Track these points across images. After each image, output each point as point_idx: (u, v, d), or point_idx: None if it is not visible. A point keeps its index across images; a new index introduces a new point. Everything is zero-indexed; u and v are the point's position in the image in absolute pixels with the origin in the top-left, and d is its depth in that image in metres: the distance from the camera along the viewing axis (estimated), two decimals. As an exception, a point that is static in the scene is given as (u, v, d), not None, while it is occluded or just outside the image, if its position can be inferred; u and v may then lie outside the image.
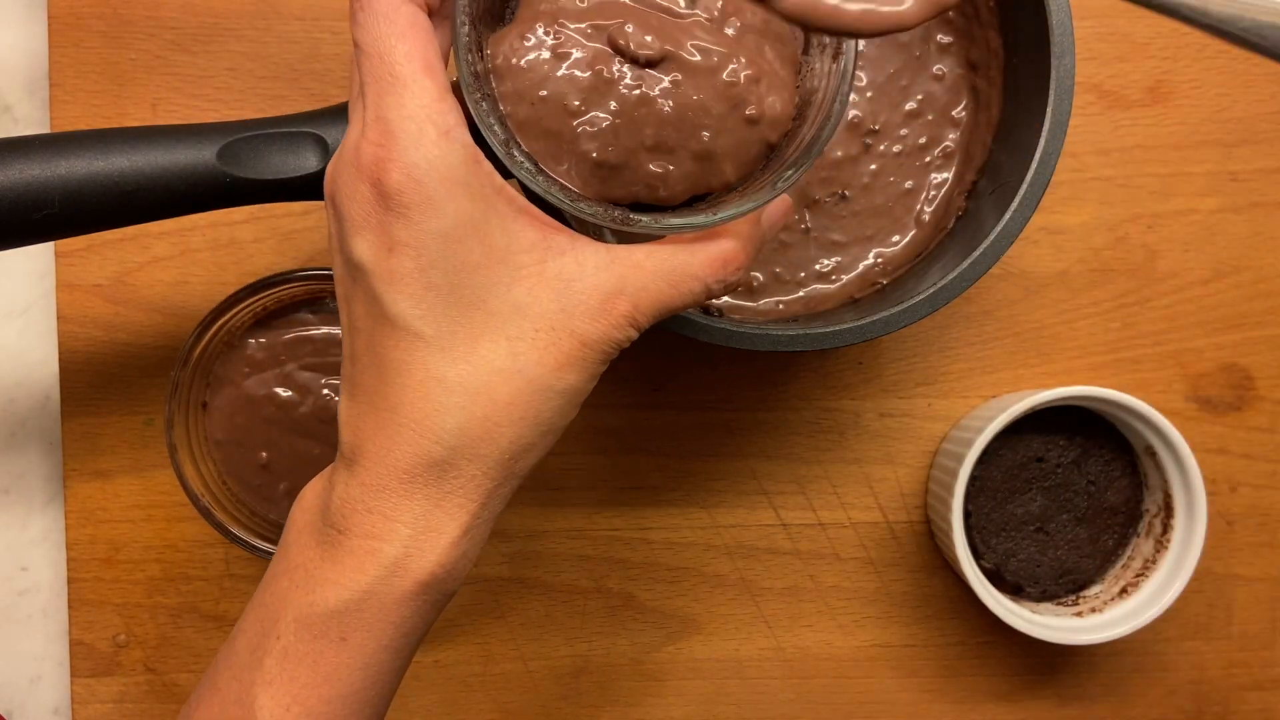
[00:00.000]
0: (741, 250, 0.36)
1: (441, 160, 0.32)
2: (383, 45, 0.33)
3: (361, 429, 0.34)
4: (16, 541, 0.57)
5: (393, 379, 0.33)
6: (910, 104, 0.52)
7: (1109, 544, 0.56)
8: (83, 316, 0.55)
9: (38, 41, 0.57)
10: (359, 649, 0.34)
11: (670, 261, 0.35)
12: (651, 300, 0.35)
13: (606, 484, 0.57)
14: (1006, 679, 0.59)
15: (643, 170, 0.37)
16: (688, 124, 0.37)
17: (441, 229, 0.32)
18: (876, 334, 0.46)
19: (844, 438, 0.58)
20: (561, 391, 0.34)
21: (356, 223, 0.33)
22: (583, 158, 0.36)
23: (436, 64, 0.33)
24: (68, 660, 0.56)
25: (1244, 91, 0.58)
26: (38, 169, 0.40)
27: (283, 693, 0.33)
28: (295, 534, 0.35)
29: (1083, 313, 0.58)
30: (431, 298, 0.33)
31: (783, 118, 0.38)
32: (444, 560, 0.34)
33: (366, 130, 0.33)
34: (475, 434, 0.33)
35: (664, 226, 0.35)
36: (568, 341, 0.34)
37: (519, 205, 0.34)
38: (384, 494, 0.33)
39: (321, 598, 0.33)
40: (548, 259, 0.34)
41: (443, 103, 0.33)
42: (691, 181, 0.37)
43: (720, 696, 0.58)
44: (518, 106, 0.36)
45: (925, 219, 0.52)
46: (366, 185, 0.32)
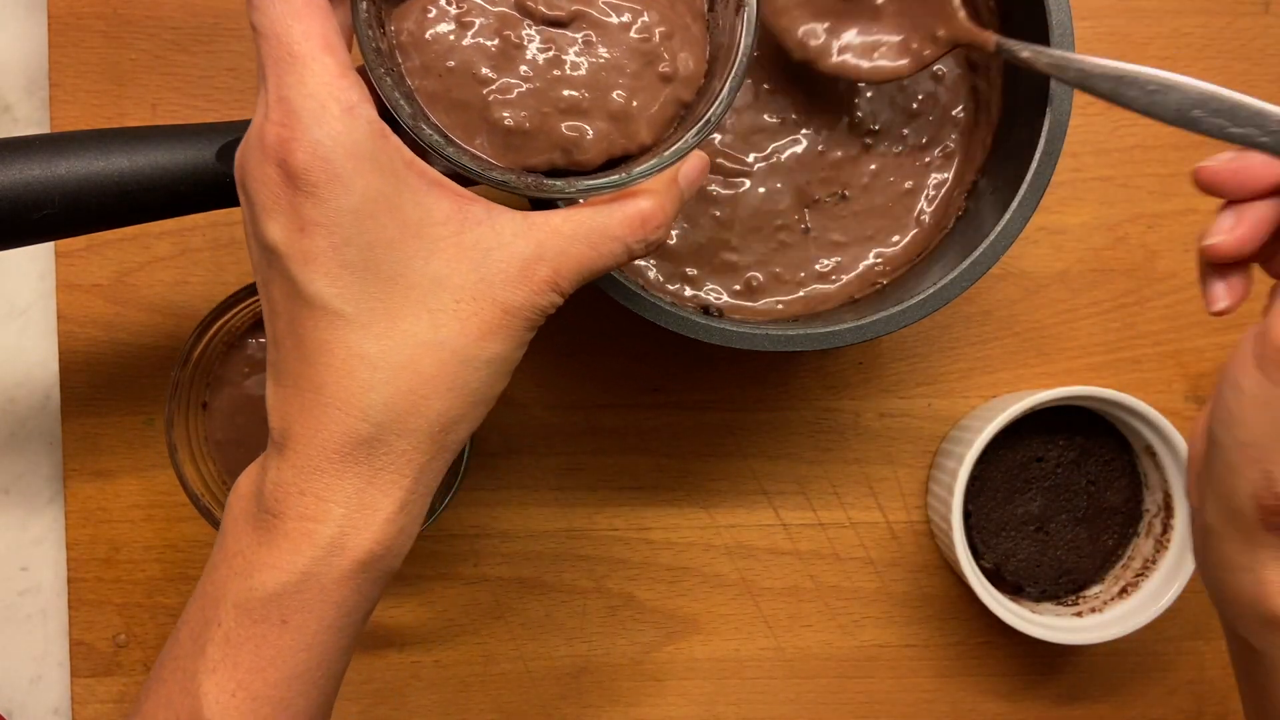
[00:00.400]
0: (659, 208, 0.36)
1: (346, 136, 0.32)
2: (279, 26, 0.32)
3: (288, 412, 0.34)
4: (16, 541, 0.57)
5: (315, 359, 0.33)
6: (910, 104, 0.52)
7: (1109, 544, 0.56)
8: (83, 316, 0.55)
9: (38, 41, 0.57)
10: (301, 630, 0.33)
11: (588, 224, 0.35)
12: (572, 264, 0.35)
13: (606, 484, 0.57)
14: (1006, 679, 0.59)
15: (557, 134, 0.37)
16: (601, 84, 0.37)
17: (352, 206, 0.32)
18: (876, 334, 0.46)
19: (844, 438, 0.58)
20: (488, 361, 0.34)
21: (266, 206, 0.33)
22: (495, 126, 0.36)
23: (336, 41, 0.33)
24: (68, 660, 0.56)
25: (1244, 91, 0.58)
26: (38, 169, 0.40)
27: (227, 678, 0.33)
28: (231, 522, 0.35)
29: (1083, 313, 0.58)
30: (348, 275, 0.33)
31: (696, 74, 0.38)
32: (380, 537, 0.34)
33: (269, 112, 0.32)
34: (402, 409, 0.33)
35: (579, 189, 0.35)
36: (490, 310, 0.34)
37: (431, 178, 0.34)
38: (316, 475, 0.33)
39: (260, 582, 0.33)
40: (464, 229, 0.34)
41: (344, 79, 0.33)
42: (607, 143, 0.37)
43: (720, 696, 0.58)
44: (425, 79, 0.36)
45: (925, 219, 0.52)
46: (273, 167, 0.32)
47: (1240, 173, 0.38)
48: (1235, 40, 0.58)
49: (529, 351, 0.57)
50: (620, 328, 0.57)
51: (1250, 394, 0.35)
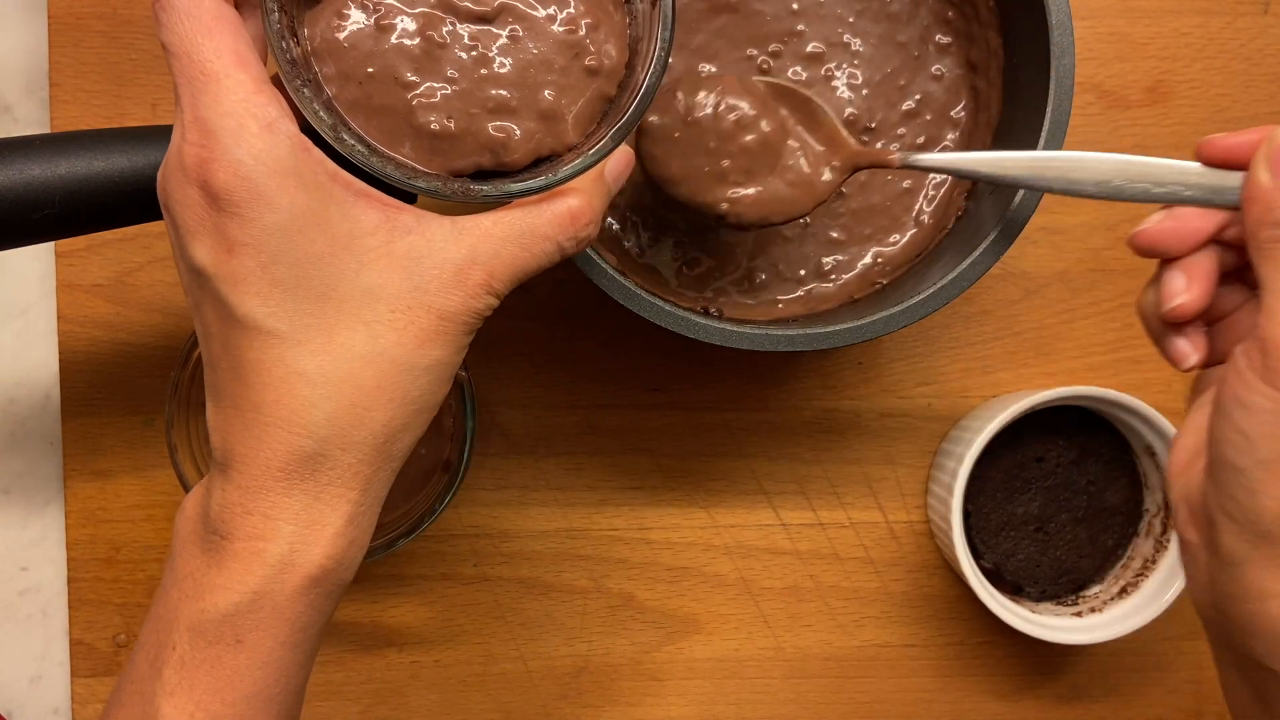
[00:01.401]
0: (587, 206, 0.36)
1: (267, 154, 0.32)
2: (189, 44, 0.32)
3: (229, 433, 0.34)
4: (16, 541, 0.57)
5: (252, 379, 0.33)
6: (908, 103, 0.52)
7: (1108, 544, 0.56)
8: (83, 316, 0.55)
9: (38, 41, 0.57)
10: (256, 649, 0.33)
11: (518, 225, 0.35)
12: (505, 266, 0.35)
13: (606, 484, 0.57)
14: (1006, 679, 0.59)
15: (484, 136, 0.36)
16: (530, 81, 0.36)
17: (277, 223, 0.32)
18: (876, 334, 0.46)
19: (844, 438, 0.58)
20: (428, 368, 0.34)
21: (191, 228, 0.32)
22: (420, 130, 0.36)
23: (249, 56, 0.33)
24: (68, 660, 0.56)
25: (1244, 91, 0.58)
26: (38, 169, 0.40)
27: (185, 700, 0.33)
28: (180, 544, 0.35)
29: (1083, 313, 0.58)
30: (279, 294, 0.32)
31: (619, 66, 0.37)
32: (331, 551, 0.34)
33: (186, 133, 0.32)
34: (345, 422, 0.33)
35: (506, 192, 0.35)
36: (425, 318, 0.34)
37: (357, 189, 0.34)
38: (261, 494, 0.33)
39: (212, 603, 0.33)
40: (394, 239, 0.34)
41: (260, 95, 0.32)
42: (535, 143, 0.37)
43: (720, 696, 0.58)
44: (344, 88, 0.36)
45: (924, 219, 0.52)
46: (195, 189, 0.32)
47: (1176, 231, 0.39)
48: (1235, 40, 0.58)
49: (529, 351, 0.57)
50: (620, 328, 0.57)
51: (1262, 409, 0.34)
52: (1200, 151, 0.39)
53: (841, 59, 0.52)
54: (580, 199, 0.36)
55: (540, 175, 0.36)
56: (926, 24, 0.52)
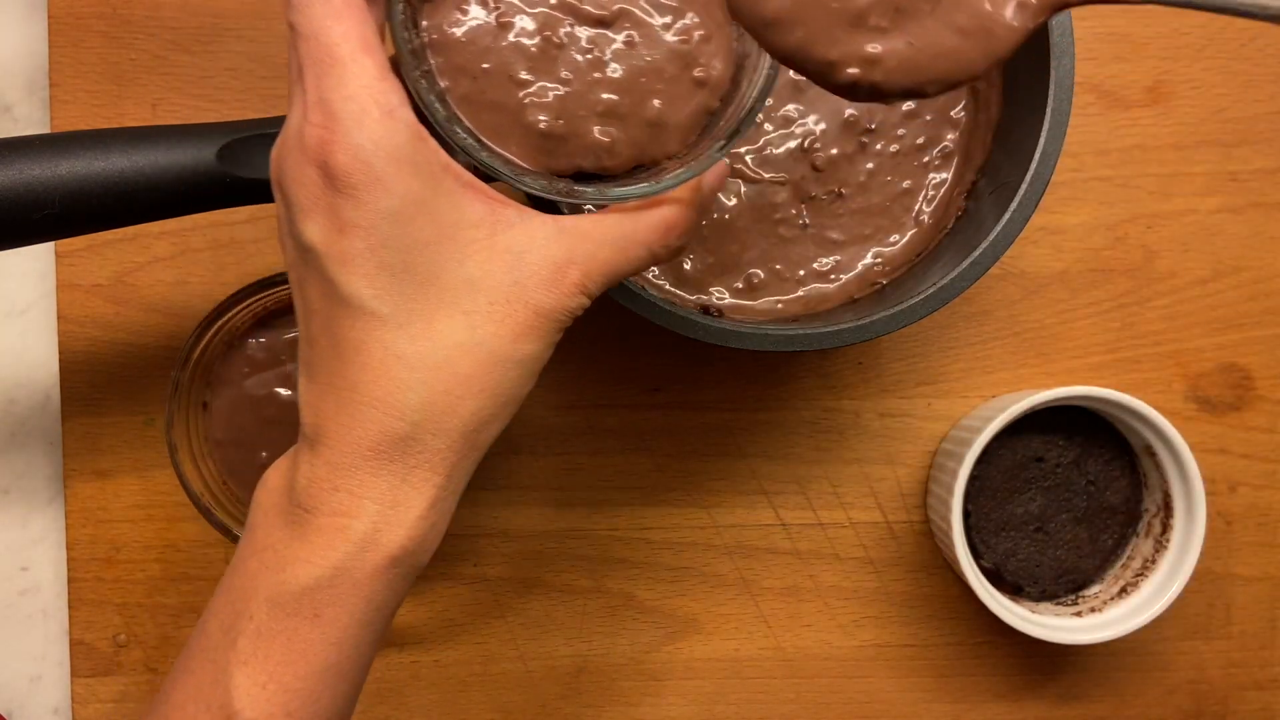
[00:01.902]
0: (684, 216, 0.37)
1: (387, 140, 0.32)
2: (318, 26, 0.33)
3: (323, 409, 0.34)
4: (16, 541, 0.57)
5: (351, 359, 0.34)
6: (908, 104, 0.52)
7: (1108, 544, 0.56)
8: (83, 316, 0.55)
9: (38, 41, 0.57)
10: (332, 624, 0.34)
11: (616, 229, 0.36)
12: (600, 267, 0.35)
13: (607, 484, 0.57)
14: (1006, 679, 0.59)
15: (590, 139, 0.37)
16: (639, 88, 0.37)
17: (391, 208, 0.33)
18: (876, 334, 0.46)
19: (844, 438, 0.58)
20: (520, 362, 0.35)
21: (305, 206, 0.33)
22: (529, 129, 0.36)
23: (374, 42, 0.33)
24: (68, 660, 0.56)
25: (1244, 91, 0.58)
26: (38, 169, 0.40)
27: (258, 671, 0.34)
28: (261, 516, 0.35)
29: (1082, 313, 0.58)
30: (385, 277, 0.33)
31: (724, 80, 0.38)
32: (413, 534, 0.34)
33: (309, 113, 0.33)
34: (438, 408, 0.34)
35: (609, 196, 0.36)
36: (523, 312, 0.34)
37: (465, 180, 0.35)
38: (350, 472, 0.34)
39: (293, 576, 0.34)
40: (497, 232, 0.34)
41: (384, 81, 0.33)
42: (638, 150, 0.37)
43: (720, 696, 0.58)
44: (458, 81, 0.36)
45: (924, 219, 0.52)
46: (313, 168, 0.32)
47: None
48: (1235, 40, 0.58)
49: (529, 351, 0.57)
50: (620, 328, 0.57)
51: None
52: None
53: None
54: (677, 209, 0.37)
55: (642, 182, 0.36)
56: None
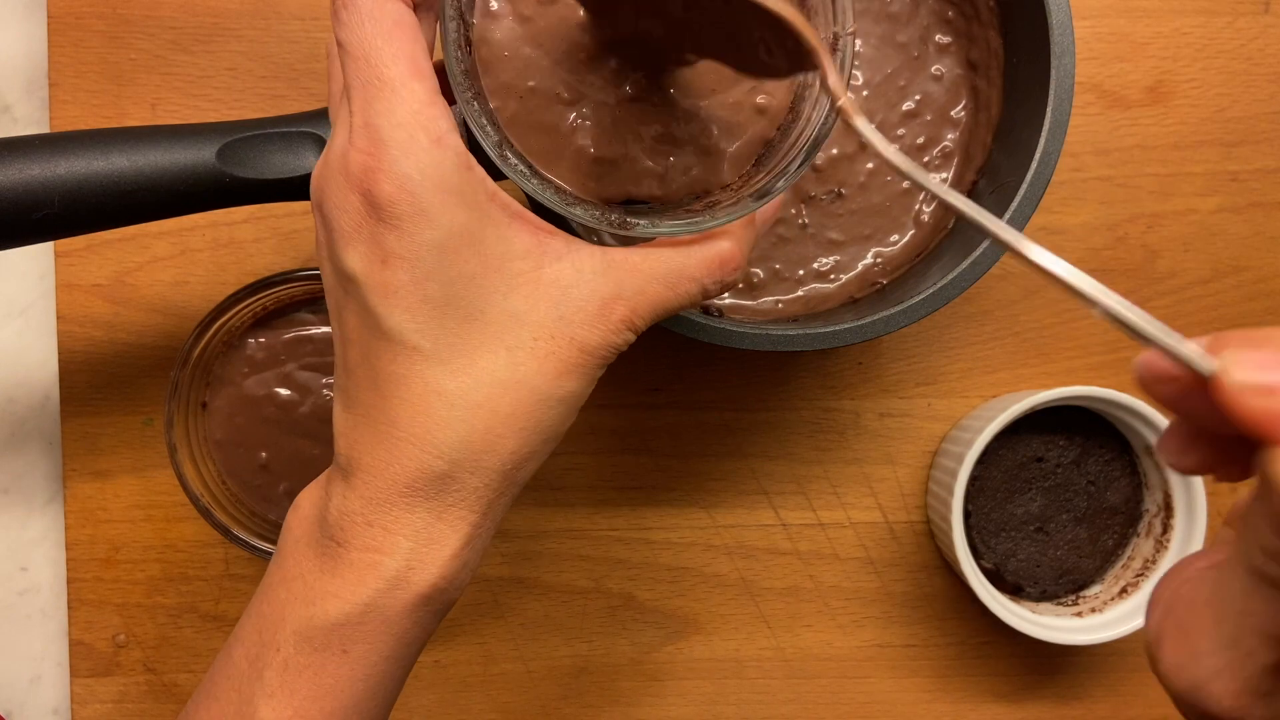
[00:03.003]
0: (738, 251, 0.36)
1: (434, 169, 0.31)
2: (368, 46, 0.31)
3: (359, 442, 0.34)
4: (16, 541, 0.57)
5: (390, 392, 0.33)
6: (908, 104, 0.52)
7: (1109, 544, 0.56)
8: (83, 316, 0.55)
9: (37, 41, 0.57)
10: (360, 661, 0.33)
11: (667, 264, 0.34)
12: (649, 303, 0.34)
13: (606, 484, 0.57)
14: (1006, 679, 0.59)
15: (642, 165, 0.35)
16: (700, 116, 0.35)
17: (436, 240, 0.32)
18: (876, 334, 0.46)
19: (844, 438, 0.58)
20: (561, 399, 0.34)
21: (347, 234, 0.32)
22: (580, 153, 0.35)
23: (425, 65, 0.32)
24: (67, 660, 0.56)
25: (1244, 91, 0.58)
26: (38, 169, 0.40)
27: (284, 705, 0.33)
28: (292, 544, 0.35)
29: (1083, 313, 0.58)
30: (428, 310, 0.32)
31: (783, 109, 0.36)
32: (446, 572, 0.34)
33: (354, 138, 0.32)
34: (477, 447, 0.33)
35: (661, 230, 0.34)
36: (567, 349, 0.34)
37: (513, 211, 0.34)
38: (384, 507, 0.33)
39: (322, 610, 0.33)
40: (544, 265, 0.33)
41: (434, 108, 0.32)
42: (691, 178, 0.36)
43: (720, 696, 0.58)
44: (506, 101, 0.35)
45: (924, 219, 0.52)
46: (356, 195, 0.31)
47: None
48: (1235, 40, 0.58)
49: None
50: (620, 328, 0.57)
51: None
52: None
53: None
54: (731, 244, 0.35)
55: (697, 216, 0.35)
56: (926, 24, 0.52)
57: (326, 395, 0.53)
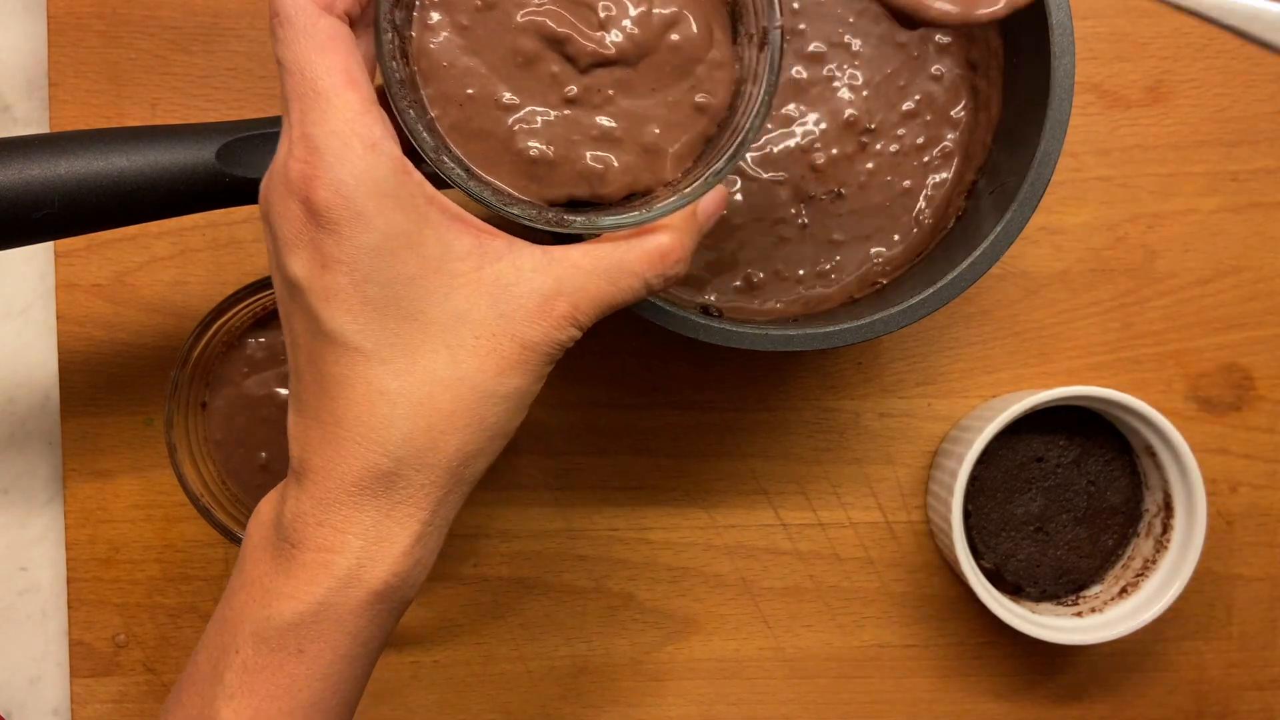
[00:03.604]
0: (679, 244, 0.36)
1: (369, 174, 0.32)
2: (303, 61, 0.33)
3: (308, 443, 0.34)
4: (16, 541, 0.57)
5: (335, 393, 0.34)
6: (908, 104, 0.52)
7: (1109, 544, 0.56)
8: (82, 316, 0.55)
9: (37, 41, 0.57)
10: (316, 660, 0.34)
11: (607, 259, 0.35)
12: (591, 299, 0.35)
13: (606, 484, 0.57)
14: (1006, 679, 0.59)
15: (582, 165, 0.36)
16: (639, 112, 0.36)
17: (373, 243, 0.33)
18: (876, 334, 0.46)
19: (844, 438, 0.58)
20: (506, 396, 0.35)
21: (289, 241, 0.33)
22: (519, 156, 0.36)
23: (360, 76, 0.33)
24: (67, 660, 0.56)
25: (1244, 91, 0.58)
26: (37, 169, 0.40)
27: (244, 706, 0.34)
28: (251, 548, 0.35)
29: (1083, 313, 0.58)
30: (369, 312, 0.33)
31: (723, 106, 0.37)
32: (397, 569, 0.34)
33: (293, 148, 0.33)
34: (421, 444, 0.34)
35: (599, 226, 0.35)
36: (509, 346, 0.34)
37: (452, 213, 0.34)
38: (334, 507, 0.34)
39: (277, 611, 0.34)
40: (484, 265, 0.34)
41: (368, 115, 0.33)
42: (632, 177, 0.37)
43: (720, 696, 0.58)
44: (446, 109, 0.36)
45: (924, 219, 0.52)
46: (296, 203, 0.33)
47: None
48: (1235, 40, 0.58)
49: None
50: (620, 328, 0.57)
51: None
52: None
53: (842, 59, 0.52)
54: (672, 237, 0.36)
55: (635, 210, 0.35)
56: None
57: (326, 395, 0.53)
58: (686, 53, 0.36)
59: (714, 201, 0.38)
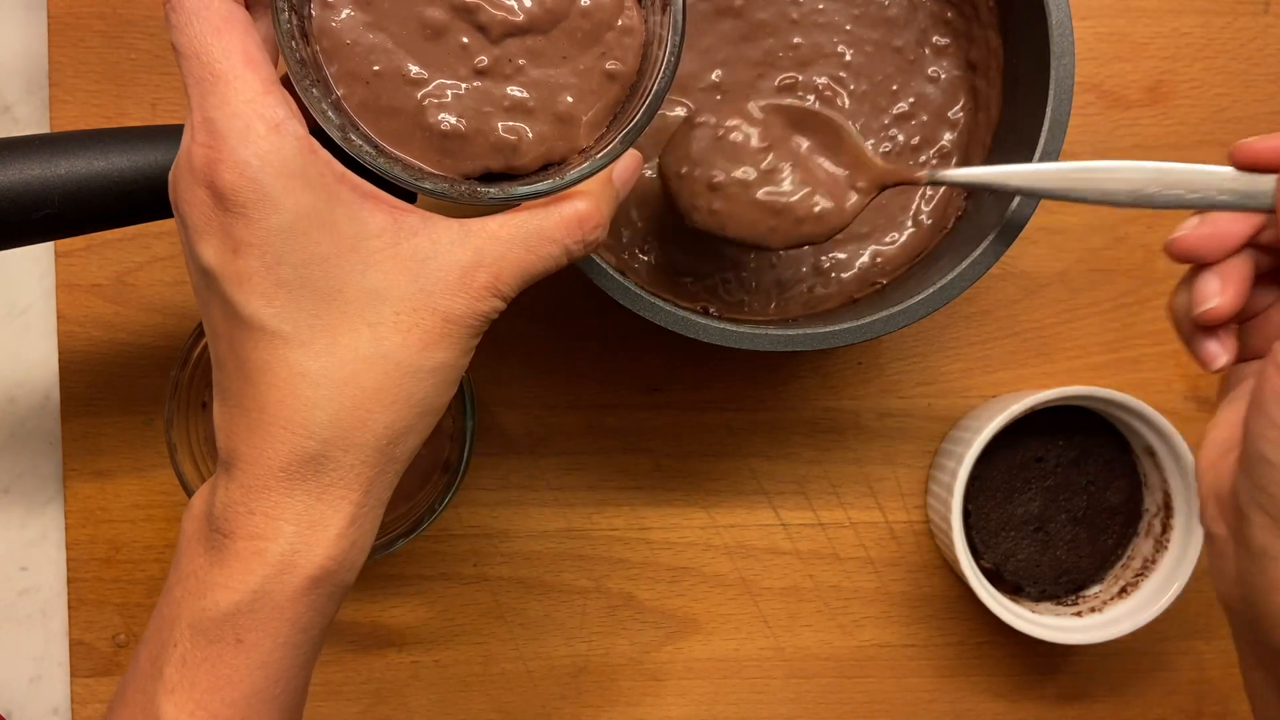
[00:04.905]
0: (596, 209, 0.36)
1: (274, 155, 0.32)
2: (198, 44, 0.32)
3: (234, 432, 0.34)
4: (16, 541, 0.57)
5: (257, 380, 0.33)
6: (900, 106, 0.52)
7: (1108, 544, 0.56)
8: (83, 316, 0.55)
9: (38, 41, 0.57)
10: (255, 649, 0.34)
11: (525, 228, 0.35)
12: (511, 268, 0.35)
13: (606, 484, 0.57)
14: (1006, 679, 0.59)
15: (495, 137, 0.36)
16: (552, 81, 0.36)
17: (283, 224, 0.32)
18: (876, 334, 0.46)
19: (844, 438, 0.58)
20: (432, 370, 0.34)
21: (199, 228, 0.33)
22: (431, 130, 0.35)
23: (258, 56, 0.33)
24: (68, 660, 0.56)
25: (1244, 91, 0.58)
26: (38, 169, 0.40)
27: (185, 699, 0.33)
28: (185, 543, 0.35)
29: (1082, 313, 0.58)
30: (284, 294, 0.33)
31: (632, 72, 0.37)
32: (332, 553, 0.34)
33: (195, 133, 0.32)
34: (348, 424, 0.33)
35: (513, 195, 0.35)
36: (430, 320, 0.34)
37: (364, 191, 0.34)
38: (264, 494, 0.33)
39: (213, 602, 0.33)
40: (400, 241, 0.34)
41: (269, 95, 0.32)
42: (546, 147, 0.36)
43: (720, 696, 0.58)
44: (353, 87, 0.35)
45: (923, 219, 0.52)
46: (202, 189, 0.32)
47: (1213, 237, 0.38)
48: (1235, 40, 0.58)
49: (529, 351, 0.57)
50: (620, 328, 0.57)
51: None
52: (1233, 156, 0.38)
53: (839, 64, 0.52)
54: (588, 202, 0.36)
55: (548, 178, 0.35)
56: (924, 27, 0.52)
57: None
58: (596, 18, 0.36)
59: (628, 166, 0.38)
